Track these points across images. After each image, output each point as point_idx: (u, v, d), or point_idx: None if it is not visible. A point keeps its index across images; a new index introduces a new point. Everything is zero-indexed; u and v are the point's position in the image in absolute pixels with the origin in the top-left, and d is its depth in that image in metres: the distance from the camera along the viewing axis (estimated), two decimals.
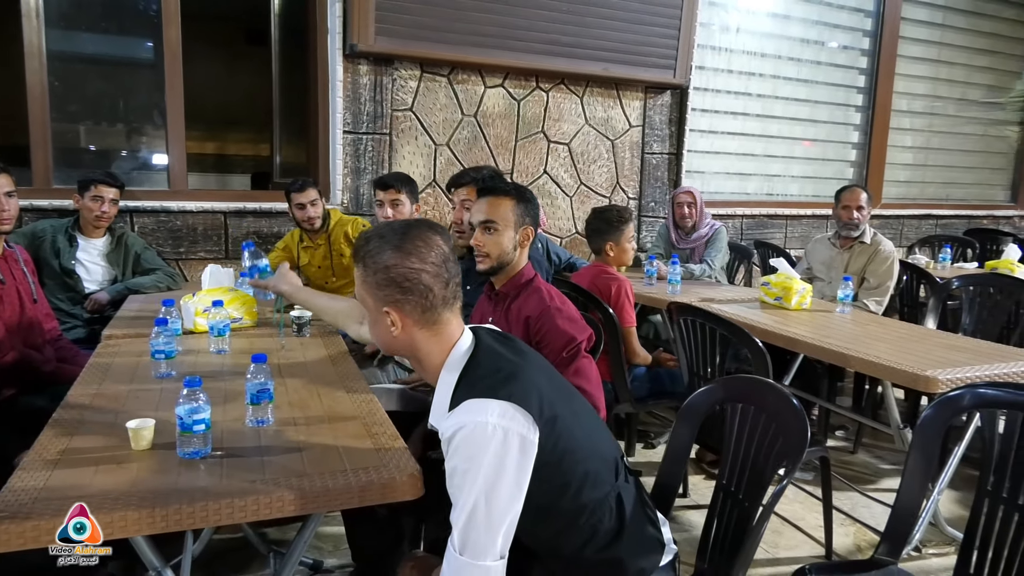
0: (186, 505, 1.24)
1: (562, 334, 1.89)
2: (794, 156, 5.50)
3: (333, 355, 2.25)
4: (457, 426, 1.17)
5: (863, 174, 5.71)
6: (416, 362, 1.35)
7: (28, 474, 1.35)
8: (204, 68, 3.46)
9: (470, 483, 1.15)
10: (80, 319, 3.13)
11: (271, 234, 3.82)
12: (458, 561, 1.19)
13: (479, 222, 1.99)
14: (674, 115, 4.78)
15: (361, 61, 3.83)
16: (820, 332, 2.77)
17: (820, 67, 5.42)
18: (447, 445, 1.19)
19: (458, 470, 1.17)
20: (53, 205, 3.37)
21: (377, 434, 1.60)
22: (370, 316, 1.34)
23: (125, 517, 1.21)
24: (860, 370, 2.46)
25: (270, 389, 1.63)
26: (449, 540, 1.22)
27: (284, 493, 1.30)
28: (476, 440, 1.15)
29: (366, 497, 1.34)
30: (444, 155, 4.15)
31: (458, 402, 1.21)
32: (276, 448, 1.51)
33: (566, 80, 4.39)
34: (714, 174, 5.16)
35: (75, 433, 1.56)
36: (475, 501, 1.16)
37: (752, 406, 1.60)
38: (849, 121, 5.66)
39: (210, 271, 2.64)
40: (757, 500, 1.52)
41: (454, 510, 1.20)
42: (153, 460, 1.43)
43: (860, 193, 3.77)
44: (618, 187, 4.70)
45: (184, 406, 1.43)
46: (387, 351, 1.41)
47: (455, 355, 1.30)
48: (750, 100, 5.20)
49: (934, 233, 6.05)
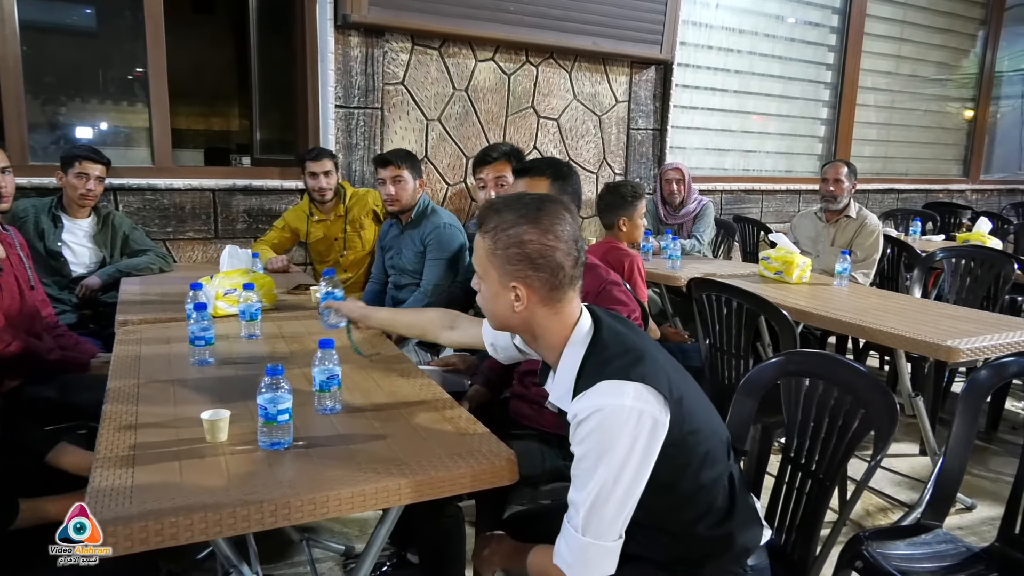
0: (294, 499, 1.19)
1: (622, 305, 1.88)
2: (768, 132, 5.59)
3: (370, 337, 2.20)
4: (593, 408, 1.16)
5: (832, 149, 5.85)
6: (532, 339, 1.33)
7: (109, 471, 1.27)
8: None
9: (604, 466, 1.15)
10: (69, 304, 2.98)
11: (261, 212, 3.69)
12: (580, 541, 1.18)
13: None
14: (658, 90, 4.80)
15: (352, 33, 3.70)
16: (828, 305, 2.84)
17: (793, 44, 5.51)
18: (578, 427, 1.18)
19: (591, 453, 1.16)
20: (32, 183, 3.17)
21: (453, 418, 1.57)
22: (488, 289, 1.30)
23: (236, 515, 1.15)
24: (878, 341, 2.53)
25: (339, 375, 1.58)
26: (568, 520, 1.21)
27: (393, 482, 1.26)
28: (613, 423, 1.14)
29: (476, 483, 1.31)
30: (436, 130, 4.06)
31: (587, 383, 1.20)
32: (358, 436, 1.46)
33: (555, 54, 4.35)
34: (695, 150, 5.21)
35: (137, 427, 1.48)
36: (604, 483, 1.16)
37: (822, 380, 1.63)
38: (819, 97, 5.78)
39: (228, 252, 2.53)
40: (834, 475, 1.54)
41: (578, 490, 1.19)
42: (237, 453, 1.37)
43: (840, 167, 3.85)
44: (605, 163, 4.70)
45: (266, 395, 1.37)
46: (498, 326, 1.36)
47: (578, 334, 1.28)
48: (728, 76, 5.26)
49: (896, 207, 6.26)
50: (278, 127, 4.55)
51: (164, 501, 1.16)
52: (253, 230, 3.68)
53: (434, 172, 4.08)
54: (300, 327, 2.30)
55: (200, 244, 3.58)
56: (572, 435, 1.21)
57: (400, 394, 1.72)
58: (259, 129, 4.61)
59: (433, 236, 2.90)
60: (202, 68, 7.09)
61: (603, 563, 1.20)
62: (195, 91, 7.13)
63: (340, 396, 1.59)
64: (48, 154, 4.17)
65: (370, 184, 3.89)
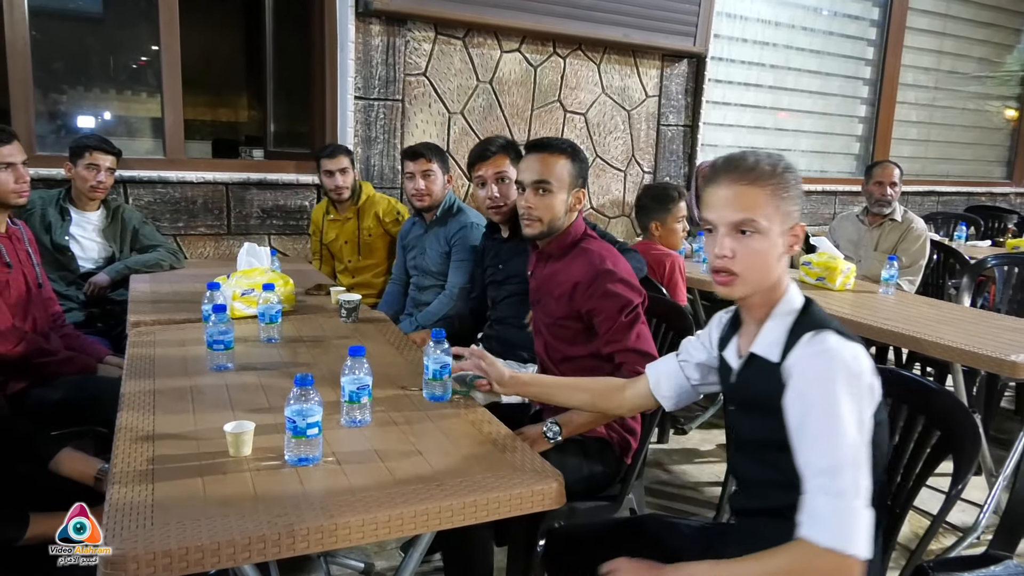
0: (328, 522, 1.13)
1: (616, 298, 1.81)
2: (803, 130, 5.50)
3: (394, 341, 2.14)
4: (822, 351, 1.17)
5: (870, 149, 5.75)
6: (763, 293, 1.29)
7: (128, 488, 1.22)
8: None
9: (846, 413, 1.12)
10: (76, 301, 2.93)
11: (276, 207, 3.64)
12: (851, 505, 1.09)
13: (532, 181, 1.88)
14: (690, 85, 4.72)
15: (373, 21, 3.65)
16: (877, 314, 2.75)
17: (831, 38, 5.41)
18: (804, 372, 1.18)
19: (823, 402, 1.13)
20: (39, 174, 3.12)
21: (491, 433, 1.51)
22: (763, 240, 1.24)
23: (266, 539, 1.09)
24: (933, 354, 2.45)
25: (369, 385, 1.52)
26: (820, 490, 1.11)
27: (434, 504, 1.20)
28: (848, 368, 1.15)
29: (523, 506, 1.25)
30: (458, 124, 4.00)
31: (806, 331, 1.21)
32: (391, 452, 1.40)
33: (583, 46, 4.28)
34: (727, 147, 5.11)
35: (155, 438, 1.43)
36: (850, 433, 1.12)
37: (889, 399, 1.55)
38: (857, 94, 5.68)
39: (246, 250, 2.47)
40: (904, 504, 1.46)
41: (821, 448, 1.13)
42: (263, 469, 1.31)
43: (893, 169, 3.77)
44: (633, 160, 4.62)
45: (295, 407, 1.31)
46: (757, 284, 1.27)
47: (793, 291, 1.30)
48: (763, 71, 5.17)
49: (937, 210, 6.15)
50: (293, 119, 4.51)
51: (187, 522, 1.11)
52: (267, 226, 3.63)
53: (455, 168, 4.02)
54: (320, 330, 2.25)
55: (212, 240, 3.53)
56: (792, 385, 1.19)
57: (430, 404, 1.66)
58: (273, 121, 4.56)
59: (459, 236, 2.83)
60: (211, 56, 7.05)
61: (867, 530, 1.10)
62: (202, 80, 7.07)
63: (370, 407, 1.53)
64: (48, 144, 4.14)
65: (388, 180, 3.83)
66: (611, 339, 1.83)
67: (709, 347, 1.47)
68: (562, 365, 1.97)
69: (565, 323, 1.91)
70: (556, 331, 1.95)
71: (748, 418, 1.33)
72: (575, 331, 1.91)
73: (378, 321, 2.36)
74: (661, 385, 1.53)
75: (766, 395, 1.23)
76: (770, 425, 1.23)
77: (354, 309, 2.31)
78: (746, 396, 1.33)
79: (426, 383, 1.68)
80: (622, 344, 1.81)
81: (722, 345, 1.42)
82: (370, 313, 2.48)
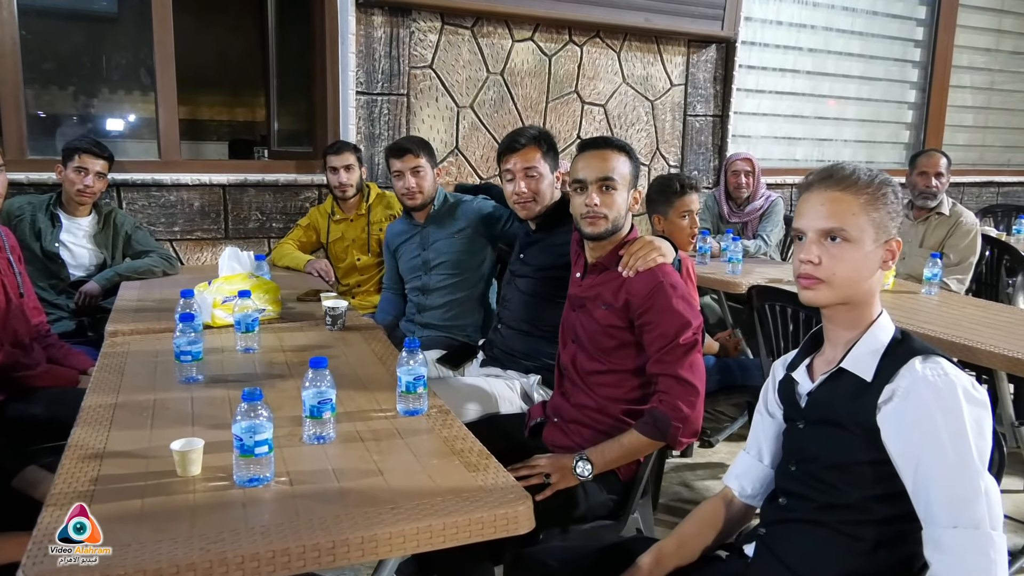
0: (264, 549, 1.10)
1: (677, 316, 1.76)
2: (846, 118, 5.36)
3: (379, 351, 2.11)
4: (940, 375, 1.17)
5: (920, 137, 5.58)
6: (852, 309, 1.29)
7: (61, 511, 1.20)
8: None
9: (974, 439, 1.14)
10: (66, 310, 2.97)
11: (275, 210, 3.65)
12: (990, 537, 1.11)
13: (596, 179, 1.85)
14: (719, 72, 4.63)
15: (375, 12, 3.64)
16: (916, 317, 2.64)
17: (876, 18, 5.27)
18: (925, 396, 1.17)
19: (948, 428, 1.14)
20: (30, 179, 3.18)
21: (463, 450, 1.46)
22: (859, 249, 1.25)
23: (196, 567, 1.06)
24: (991, 366, 2.33)
25: (332, 399, 1.49)
26: (953, 523, 1.12)
27: (384, 530, 1.16)
28: (968, 397, 1.15)
29: (485, 532, 1.20)
30: (468, 118, 3.97)
31: (912, 355, 1.21)
32: (350, 472, 1.36)
33: (602, 32, 4.22)
34: (761, 138, 5.01)
35: (104, 456, 1.41)
36: (977, 463, 1.14)
37: None
38: (905, 78, 5.52)
39: (228, 254, 2.47)
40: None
41: (948, 477, 1.13)
42: (208, 490, 1.28)
43: (940, 158, 3.64)
44: (658, 154, 4.54)
45: (242, 423, 1.29)
46: (844, 295, 1.28)
47: (887, 317, 1.30)
48: (800, 55, 5.05)
49: (995, 202, 5.93)
50: (297, 117, 4.53)
51: (116, 548, 1.09)
52: (266, 229, 3.64)
53: (465, 164, 3.99)
54: (303, 339, 2.23)
55: (209, 245, 3.55)
56: (902, 408, 1.19)
57: (404, 419, 1.62)
58: (277, 119, 4.59)
59: (477, 213, 2.80)
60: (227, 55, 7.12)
61: (1004, 559, 1.13)
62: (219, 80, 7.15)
63: (334, 423, 1.50)
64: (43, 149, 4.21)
65: None
66: (661, 359, 1.78)
67: (777, 407, 1.46)
68: (589, 378, 1.93)
69: (613, 332, 1.87)
70: (598, 340, 1.90)
71: (819, 436, 1.32)
72: (619, 342, 1.87)
73: (366, 329, 2.33)
74: (747, 489, 1.50)
75: (849, 413, 1.25)
76: (842, 444, 1.25)
77: (340, 316, 2.29)
78: (824, 413, 1.32)
79: (400, 397, 1.65)
80: (671, 369, 1.76)
81: (792, 367, 1.42)
82: (359, 321, 2.45)
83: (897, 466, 1.19)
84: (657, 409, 1.76)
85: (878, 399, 1.21)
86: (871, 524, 1.24)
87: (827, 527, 1.27)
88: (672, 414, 1.75)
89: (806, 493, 1.33)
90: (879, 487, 1.22)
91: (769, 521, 1.42)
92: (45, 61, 5.56)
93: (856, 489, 1.24)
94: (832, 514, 1.27)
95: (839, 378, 1.29)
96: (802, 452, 1.36)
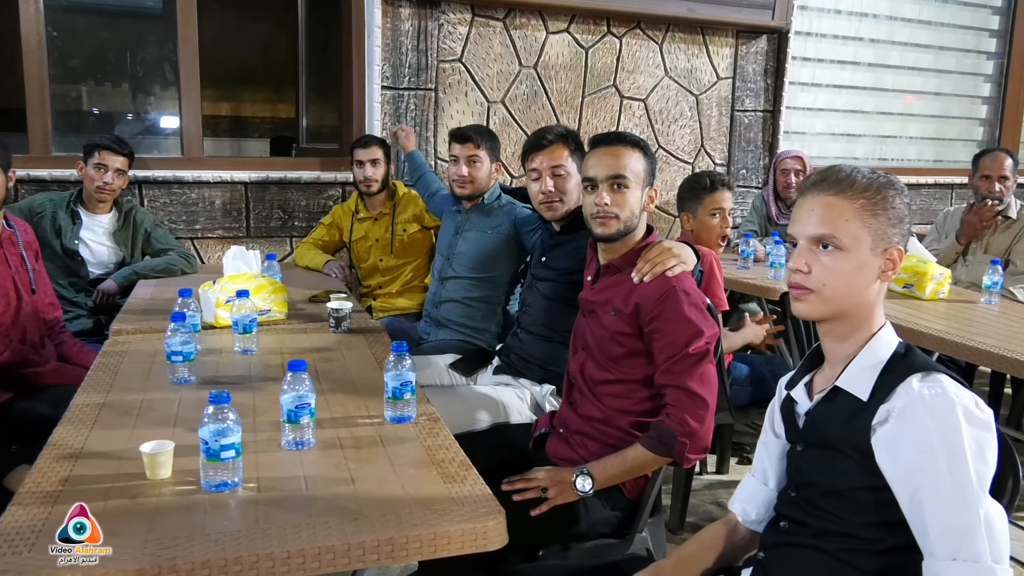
0: (216, 558, 1.11)
1: (688, 324, 1.72)
2: (912, 113, 5.19)
3: (379, 356, 2.11)
4: (939, 393, 1.12)
5: (995, 134, 5.37)
6: (848, 322, 1.25)
7: (24, 510, 1.23)
8: (213, 17, 3.34)
9: (976, 464, 1.09)
10: (85, 308, 3.06)
11: (299, 208, 3.71)
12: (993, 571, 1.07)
13: (606, 177, 1.83)
14: (770, 65, 4.53)
15: (402, 4, 3.67)
16: (969, 328, 2.54)
17: (946, 6, 5.09)
18: (921, 415, 1.12)
19: (947, 451, 1.09)
20: (53, 176, 3.30)
21: (444, 460, 1.46)
22: (852, 259, 1.21)
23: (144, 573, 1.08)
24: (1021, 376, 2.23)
25: (311, 404, 1.50)
26: (952, 555, 1.08)
27: (342, 542, 1.16)
28: (969, 417, 1.10)
29: (442, 548, 1.19)
30: (498, 114, 3.97)
31: (911, 372, 1.17)
32: (321, 479, 1.37)
33: (642, 23, 4.17)
34: (816, 135, 4.89)
35: (80, 456, 1.45)
36: (978, 490, 1.09)
37: None
38: (979, 71, 5.32)
39: (232, 253, 2.51)
40: None
41: (949, 506, 1.08)
42: (174, 494, 1.31)
43: (1005, 159, 3.51)
44: (703, 151, 4.47)
45: (209, 427, 1.30)
46: (838, 308, 1.25)
47: (889, 330, 1.26)
48: (861, 46, 4.91)
49: None
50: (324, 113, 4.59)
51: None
52: (288, 228, 3.70)
53: None
54: (306, 342, 2.25)
55: (230, 243, 3.61)
56: (898, 429, 1.14)
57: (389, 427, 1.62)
58: (306, 115, 4.66)
59: (517, 215, 2.78)
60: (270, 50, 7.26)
61: None
62: (263, 76, 7.29)
63: (314, 428, 1.51)
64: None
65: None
66: (670, 369, 1.75)
67: (782, 427, 1.42)
68: (597, 388, 1.90)
69: (622, 339, 1.84)
70: (607, 347, 1.88)
71: (816, 459, 1.29)
72: (628, 350, 1.85)
73: (370, 332, 2.35)
74: (750, 513, 1.46)
75: (844, 435, 1.21)
76: (838, 469, 1.22)
77: (344, 318, 2.31)
78: (820, 435, 1.28)
79: (387, 403, 1.65)
80: (680, 381, 1.73)
81: (790, 385, 1.38)
82: (365, 323, 2.47)
83: (894, 492, 1.14)
84: (663, 423, 1.73)
85: (872, 420, 1.17)
86: (872, 554, 1.19)
87: (826, 554, 1.23)
88: (679, 429, 1.71)
89: (804, 519, 1.30)
90: (878, 515, 1.18)
91: (768, 545, 1.38)
92: (98, 57, 5.78)
93: (855, 516, 1.20)
94: (831, 541, 1.23)
95: (835, 397, 1.26)
96: (800, 476, 1.32)
